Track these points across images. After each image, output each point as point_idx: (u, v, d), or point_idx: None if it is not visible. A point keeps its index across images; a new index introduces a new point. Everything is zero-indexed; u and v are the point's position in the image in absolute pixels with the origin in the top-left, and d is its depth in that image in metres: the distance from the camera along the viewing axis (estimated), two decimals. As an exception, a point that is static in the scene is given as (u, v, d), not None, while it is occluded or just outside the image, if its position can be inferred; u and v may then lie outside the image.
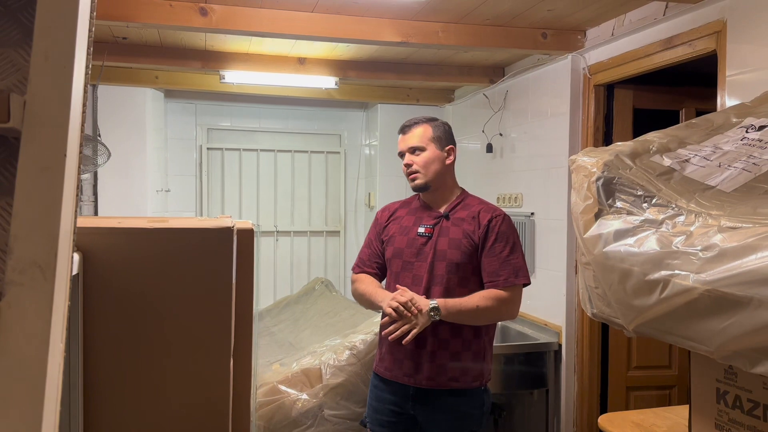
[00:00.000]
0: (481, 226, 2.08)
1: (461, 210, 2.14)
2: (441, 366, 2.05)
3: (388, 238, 2.20)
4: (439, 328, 2.05)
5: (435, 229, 2.11)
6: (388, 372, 2.12)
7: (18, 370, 0.62)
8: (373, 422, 2.19)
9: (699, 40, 2.28)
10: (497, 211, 2.13)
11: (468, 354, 2.07)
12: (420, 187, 2.15)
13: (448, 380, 2.05)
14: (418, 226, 2.15)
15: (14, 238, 0.64)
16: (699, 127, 1.50)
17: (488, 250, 2.06)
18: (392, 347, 2.10)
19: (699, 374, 1.43)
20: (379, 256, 2.22)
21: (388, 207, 2.31)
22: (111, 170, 3.61)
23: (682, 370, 3.01)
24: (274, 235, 4.53)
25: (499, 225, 2.08)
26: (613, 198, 1.33)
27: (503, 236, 2.07)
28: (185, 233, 1.22)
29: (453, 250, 2.07)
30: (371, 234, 2.29)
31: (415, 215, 2.20)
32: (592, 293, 1.41)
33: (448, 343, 2.05)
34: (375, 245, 2.24)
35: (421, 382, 2.06)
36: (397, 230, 2.19)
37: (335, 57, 3.52)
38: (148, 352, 1.20)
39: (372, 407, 2.20)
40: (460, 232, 2.09)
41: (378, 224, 2.27)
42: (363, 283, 2.19)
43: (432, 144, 2.14)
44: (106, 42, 3.20)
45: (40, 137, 0.67)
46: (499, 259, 2.04)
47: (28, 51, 0.78)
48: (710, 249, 1.08)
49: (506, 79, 3.56)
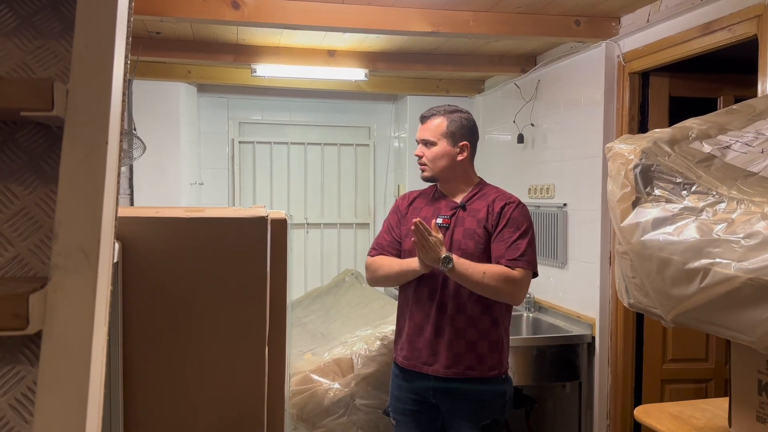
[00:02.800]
0: (494, 213, 2.09)
1: (478, 200, 2.15)
2: (458, 354, 2.06)
3: (408, 228, 2.17)
4: (457, 317, 2.07)
5: (452, 219, 2.13)
6: (407, 361, 2.14)
7: (64, 353, 0.64)
8: (396, 411, 2.21)
9: (739, 25, 2.22)
10: (512, 198, 2.13)
11: (485, 343, 2.08)
12: (427, 178, 2.19)
13: (465, 369, 2.07)
14: (435, 217, 2.15)
15: (59, 223, 0.66)
16: (740, 113, 1.46)
17: (497, 235, 2.07)
18: (411, 337, 2.12)
19: (740, 365, 1.40)
20: (399, 243, 2.22)
21: (408, 195, 2.31)
22: (146, 164, 3.67)
23: (719, 363, 2.94)
24: (305, 227, 4.56)
25: (511, 211, 2.08)
26: (651, 186, 1.30)
27: (514, 222, 2.07)
28: (221, 222, 1.23)
29: (467, 240, 2.09)
30: (391, 220, 2.26)
31: (432, 206, 2.20)
32: (629, 283, 1.39)
33: (464, 331, 2.07)
34: (395, 232, 2.23)
35: (438, 370, 2.08)
36: None
37: (365, 49, 3.51)
38: (186, 339, 1.22)
39: (394, 396, 2.22)
40: (475, 222, 2.10)
41: (399, 211, 2.26)
42: (387, 261, 2.16)
43: (444, 140, 2.14)
44: (141, 37, 3.25)
45: (82, 125, 0.69)
46: (507, 243, 2.05)
47: (69, 41, 0.79)
48: (753, 236, 1.06)
49: (538, 68, 3.51)
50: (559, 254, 3.22)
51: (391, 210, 2.31)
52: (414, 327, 2.13)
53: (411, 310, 2.14)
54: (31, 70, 0.77)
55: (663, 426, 1.59)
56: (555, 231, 3.25)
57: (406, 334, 2.15)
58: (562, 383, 3.15)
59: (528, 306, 3.45)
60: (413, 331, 2.12)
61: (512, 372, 2.92)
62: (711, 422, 1.57)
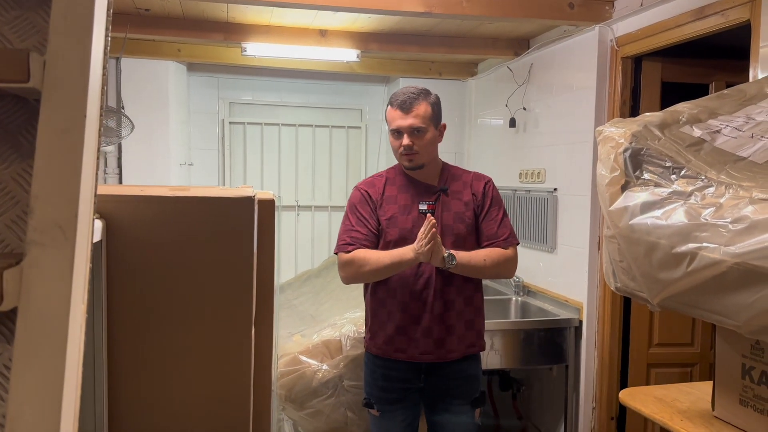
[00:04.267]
0: (478, 194, 2.16)
1: (453, 182, 2.17)
2: (461, 336, 2.12)
3: (387, 219, 2.10)
4: (457, 300, 2.09)
5: (437, 204, 2.11)
6: (401, 353, 2.09)
7: (40, 330, 0.62)
8: (382, 402, 2.17)
9: (732, 10, 2.20)
10: (486, 177, 2.22)
11: (480, 320, 2.19)
12: (416, 167, 2.11)
13: (467, 347, 2.14)
14: (417, 203, 2.10)
15: (35, 198, 0.65)
16: (731, 97, 1.45)
17: (485, 215, 2.15)
18: (404, 328, 2.09)
19: (724, 349, 1.41)
20: (375, 236, 2.11)
21: (373, 183, 2.18)
22: (135, 143, 3.63)
23: (704, 348, 2.97)
24: (296, 209, 4.55)
25: (492, 190, 2.19)
26: (641, 169, 1.30)
27: (496, 201, 2.17)
28: (207, 202, 1.22)
29: (458, 224, 2.11)
30: (362, 212, 2.12)
31: (408, 192, 2.13)
32: (617, 267, 1.39)
33: (463, 313, 2.11)
34: (371, 223, 2.11)
35: (446, 356, 2.09)
36: (396, 210, 2.10)
37: (357, 29, 3.48)
38: (170, 319, 1.21)
39: (379, 387, 2.16)
40: (462, 204, 2.13)
41: (370, 201, 2.13)
42: (373, 254, 2.05)
43: (431, 124, 2.08)
44: (129, 14, 3.20)
45: (59, 98, 0.67)
46: (496, 221, 2.14)
47: (47, 12, 0.77)
48: (741, 221, 1.06)
49: (531, 52, 3.49)
50: (549, 239, 3.23)
51: (358, 200, 2.14)
52: (406, 318, 2.08)
53: (399, 300, 2.09)
54: (8, 41, 0.75)
55: (647, 409, 1.60)
56: (545, 215, 3.25)
57: (397, 327, 2.09)
58: (549, 366, 3.17)
59: (516, 290, 3.46)
60: (404, 322, 2.08)
61: (500, 355, 2.95)
62: (695, 405, 1.59)
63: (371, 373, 2.20)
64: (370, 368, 2.20)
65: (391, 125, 2.10)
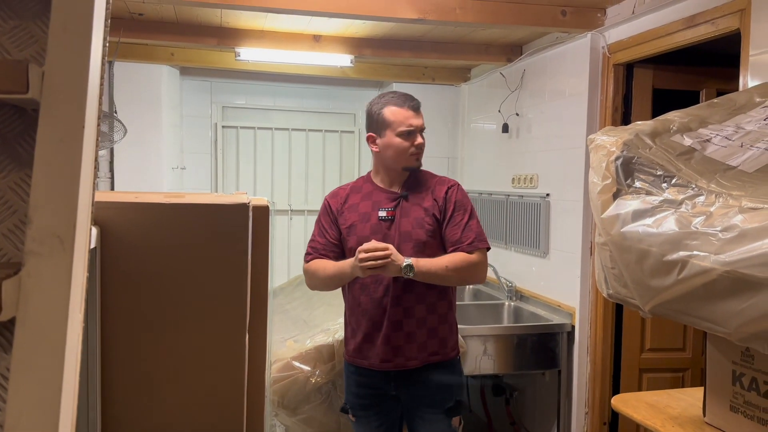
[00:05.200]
0: (440, 199, 2.11)
1: (416, 187, 2.15)
2: (421, 344, 2.07)
3: (348, 227, 2.12)
4: (417, 307, 2.06)
5: (396, 211, 2.10)
6: (366, 361, 2.11)
7: (38, 339, 0.63)
8: (355, 407, 2.18)
9: (722, 19, 2.23)
10: (450, 181, 2.17)
11: (445, 327, 2.12)
12: (420, 167, 2.16)
13: (429, 355, 2.08)
14: (377, 210, 2.11)
15: (33, 208, 0.65)
16: (721, 106, 1.47)
17: (449, 220, 2.10)
18: (367, 335, 2.09)
19: (715, 356, 1.42)
20: (335, 245, 2.14)
21: (337, 193, 2.22)
22: (127, 147, 3.62)
23: (696, 353, 2.99)
24: (289, 213, 4.55)
25: (455, 194, 2.12)
26: (632, 178, 1.31)
27: (460, 205, 2.11)
28: (201, 209, 1.23)
29: (418, 230, 2.07)
30: (323, 222, 2.18)
31: (370, 200, 2.14)
32: (609, 274, 1.40)
33: (425, 319, 2.07)
34: (330, 234, 2.15)
35: (402, 364, 2.07)
36: (356, 218, 2.12)
37: (351, 34, 3.49)
38: (165, 325, 1.21)
39: (353, 393, 2.18)
40: (422, 210, 2.10)
41: (330, 212, 2.17)
42: (322, 265, 2.10)
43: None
44: (122, 18, 3.20)
45: (58, 108, 0.68)
46: (460, 226, 2.08)
47: (46, 22, 0.77)
48: (730, 230, 1.07)
49: (524, 58, 3.51)
50: (541, 244, 3.24)
51: (322, 211, 2.21)
52: (370, 325, 2.08)
53: (363, 308, 2.09)
54: (7, 51, 0.75)
55: (639, 415, 1.61)
56: (537, 221, 3.27)
57: (363, 334, 2.10)
58: (541, 371, 3.18)
59: (509, 295, 3.48)
60: (369, 329, 2.08)
61: (492, 360, 2.95)
62: (686, 411, 1.60)
63: (346, 379, 2.24)
64: (345, 374, 2.25)
65: (401, 126, 2.10)
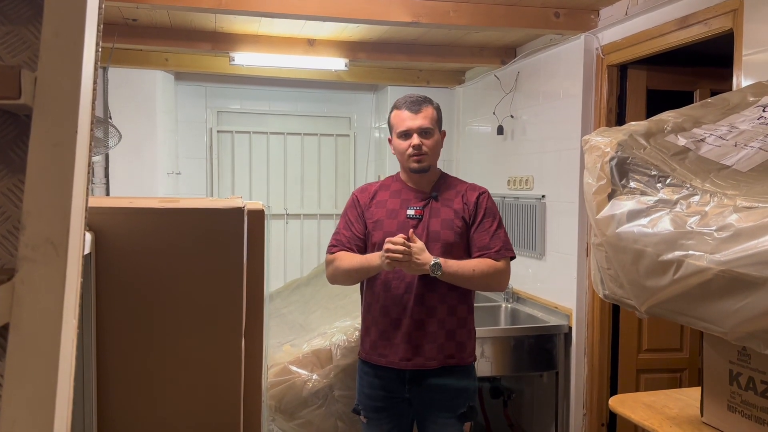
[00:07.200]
0: (470, 204, 2.14)
1: (446, 190, 2.17)
2: (440, 345, 2.08)
3: (374, 222, 2.14)
4: (439, 308, 2.07)
5: (425, 210, 2.12)
6: (383, 358, 2.10)
7: (31, 346, 0.62)
8: (368, 409, 2.17)
9: (715, 19, 2.24)
10: (481, 189, 2.20)
11: (464, 331, 2.12)
12: (424, 169, 2.14)
13: (446, 357, 2.09)
14: (405, 208, 2.13)
15: (26, 214, 0.65)
16: (715, 106, 1.47)
17: (478, 225, 2.12)
18: (386, 333, 2.09)
19: (712, 356, 1.43)
20: (360, 239, 2.16)
21: (366, 188, 2.25)
22: (122, 153, 3.62)
23: (693, 353, 3.00)
24: (284, 218, 4.54)
25: (486, 201, 2.16)
26: (627, 178, 1.31)
27: (490, 212, 2.15)
28: (196, 213, 1.22)
29: (447, 231, 2.09)
30: (350, 216, 2.19)
31: (399, 198, 2.16)
32: (604, 274, 1.40)
33: (445, 321, 2.08)
34: (356, 227, 2.17)
35: (424, 364, 2.07)
36: (383, 214, 2.13)
37: (345, 38, 3.49)
38: (160, 331, 1.21)
39: (365, 394, 2.18)
40: (452, 212, 2.12)
41: (358, 206, 2.19)
42: (347, 257, 2.11)
43: (436, 127, 2.16)
44: (116, 24, 3.19)
45: (51, 113, 0.67)
46: (489, 233, 2.11)
47: (38, 28, 0.77)
48: (725, 229, 1.07)
49: (518, 60, 3.52)
50: (537, 245, 3.25)
51: (349, 204, 2.23)
52: (389, 323, 2.09)
53: (383, 305, 2.10)
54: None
55: (637, 415, 1.61)
56: (533, 222, 3.28)
57: (380, 331, 2.10)
58: (539, 373, 3.18)
59: (506, 296, 3.48)
60: (388, 327, 2.09)
61: (490, 362, 2.95)
62: (683, 411, 1.60)
63: (360, 379, 2.23)
64: (359, 374, 2.23)
65: (399, 127, 2.13)
